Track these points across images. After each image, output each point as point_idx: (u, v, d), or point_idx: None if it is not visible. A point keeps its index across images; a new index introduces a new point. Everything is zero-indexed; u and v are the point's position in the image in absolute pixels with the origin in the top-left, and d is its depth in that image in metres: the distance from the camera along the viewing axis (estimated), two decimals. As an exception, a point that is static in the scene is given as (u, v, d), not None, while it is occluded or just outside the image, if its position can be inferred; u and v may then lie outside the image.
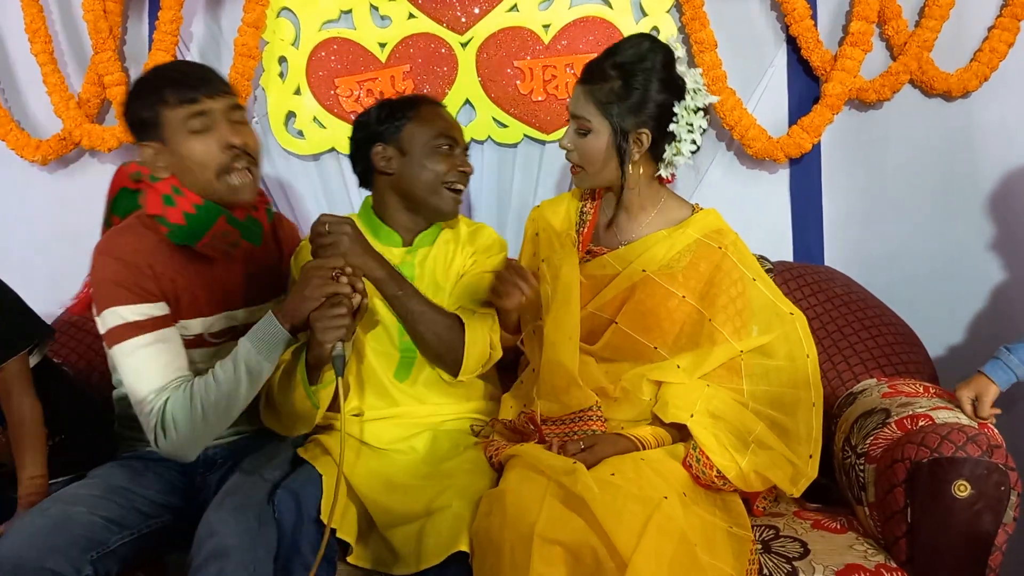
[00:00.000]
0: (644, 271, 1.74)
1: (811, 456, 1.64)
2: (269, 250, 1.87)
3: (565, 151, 1.77)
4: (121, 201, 1.80)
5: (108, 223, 1.85)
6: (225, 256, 1.72)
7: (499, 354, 1.83)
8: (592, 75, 1.71)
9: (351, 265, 1.57)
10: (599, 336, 1.77)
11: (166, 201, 1.62)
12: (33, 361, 1.81)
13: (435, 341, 1.73)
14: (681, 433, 1.66)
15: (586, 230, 1.86)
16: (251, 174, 1.67)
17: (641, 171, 1.75)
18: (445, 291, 1.83)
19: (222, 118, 1.63)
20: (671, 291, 1.72)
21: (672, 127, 1.71)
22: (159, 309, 1.63)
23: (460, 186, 1.85)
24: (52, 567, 1.38)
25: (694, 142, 1.73)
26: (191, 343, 1.70)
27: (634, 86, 1.68)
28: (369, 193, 1.94)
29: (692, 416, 1.62)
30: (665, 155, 1.74)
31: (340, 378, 1.53)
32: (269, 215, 1.82)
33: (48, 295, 1.89)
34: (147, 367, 1.58)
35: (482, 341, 1.76)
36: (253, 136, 1.70)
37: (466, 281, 1.84)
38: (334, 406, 1.82)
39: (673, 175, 1.81)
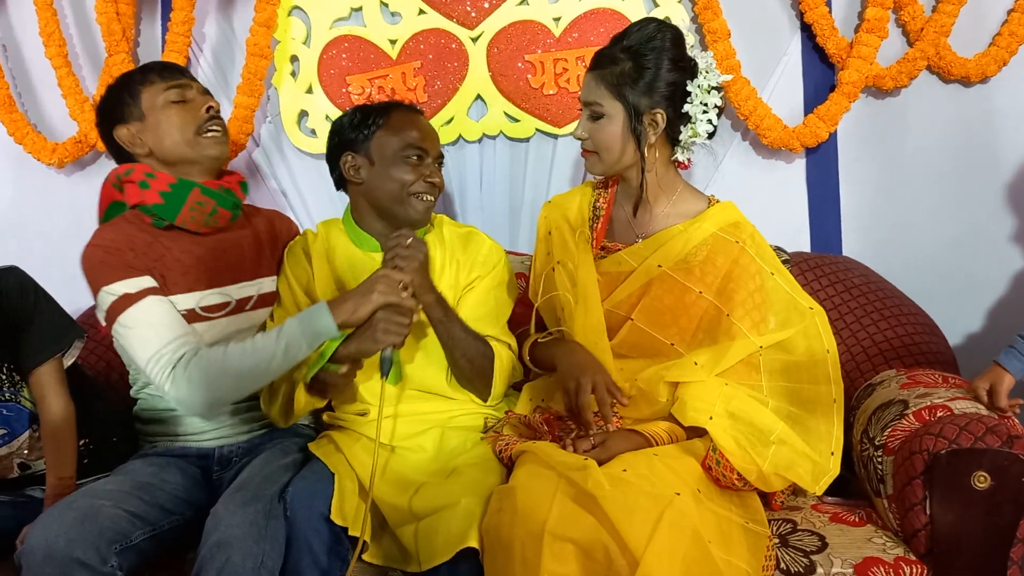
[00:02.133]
0: (660, 267, 1.72)
1: (833, 453, 1.62)
2: (258, 232, 1.92)
3: (580, 140, 1.76)
4: (112, 213, 1.85)
5: None
6: (209, 229, 1.80)
7: (519, 376, 1.87)
8: (601, 61, 1.71)
9: (414, 284, 1.67)
10: (615, 333, 1.75)
11: (142, 186, 1.75)
12: (67, 363, 1.83)
13: (468, 367, 1.76)
14: (697, 429, 1.64)
15: (600, 225, 1.85)
16: (224, 134, 1.83)
17: (657, 155, 1.74)
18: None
19: (198, 95, 1.81)
20: (688, 287, 1.70)
21: (687, 107, 1.70)
22: (147, 281, 1.72)
23: (429, 197, 1.82)
24: (80, 557, 1.41)
25: (710, 122, 1.72)
26: (186, 318, 1.74)
27: (645, 66, 1.67)
28: None
29: (711, 419, 1.60)
30: (682, 137, 1.74)
31: (384, 379, 1.63)
32: (244, 188, 1.89)
33: (66, 296, 1.91)
34: (155, 323, 1.68)
35: (509, 367, 1.80)
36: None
37: (476, 301, 1.84)
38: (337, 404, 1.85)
39: (690, 160, 1.80)
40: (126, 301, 1.68)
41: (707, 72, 1.70)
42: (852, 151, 2.43)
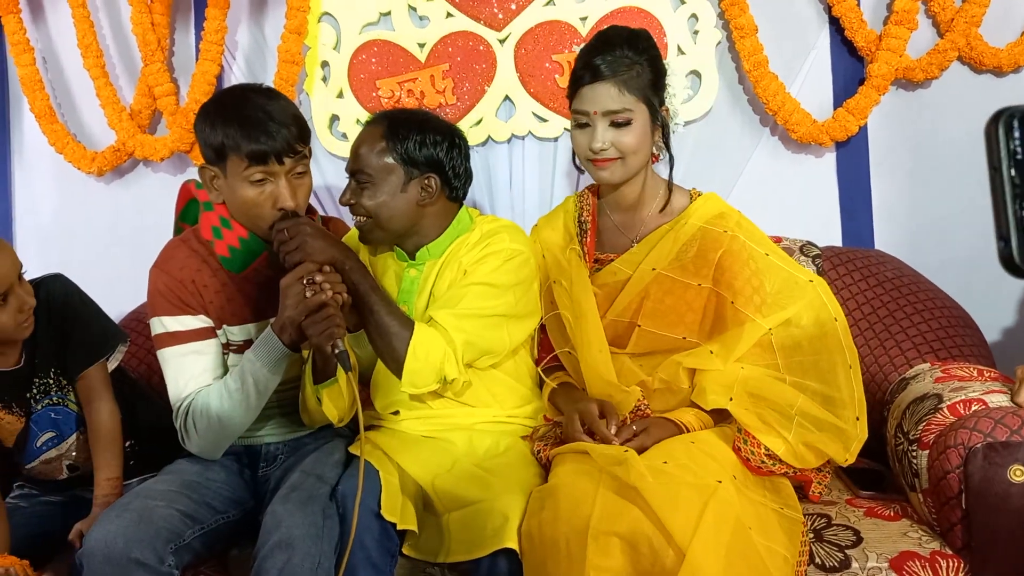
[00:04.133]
0: (654, 270, 1.74)
1: (858, 418, 1.61)
2: None
3: (599, 152, 1.72)
4: (191, 210, 1.88)
5: (179, 232, 1.93)
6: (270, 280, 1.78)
7: (457, 376, 1.69)
8: (613, 68, 1.69)
9: (319, 263, 1.61)
10: (627, 339, 1.77)
11: (215, 233, 1.75)
12: (111, 366, 1.89)
13: (379, 343, 1.68)
14: (723, 416, 1.67)
15: (589, 239, 1.86)
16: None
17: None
18: (437, 304, 1.76)
19: (283, 176, 1.67)
20: (687, 283, 1.72)
21: (667, 100, 1.79)
22: (199, 321, 1.75)
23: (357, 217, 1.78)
24: (138, 557, 1.46)
25: (676, 113, 1.82)
26: (241, 347, 1.78)
27: (652, 66, 1.73)
28: None
29: (731, 400, 1.62)
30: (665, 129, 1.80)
31: (349, 372, 1.58)
32: None
33: (108, 301, 1.96)
34: (179, 375, 1.72)
35: (432, 358, 1.65)
36: (307, 187, 1.74)
37: (449, 294, 1.74)
38: (368, 404, 1.87)
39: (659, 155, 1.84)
40: (171, 338, 1.73)
41: (668, 65, 1.80)
42: (883, 144, 2.42)
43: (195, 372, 1.72)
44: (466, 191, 1.85)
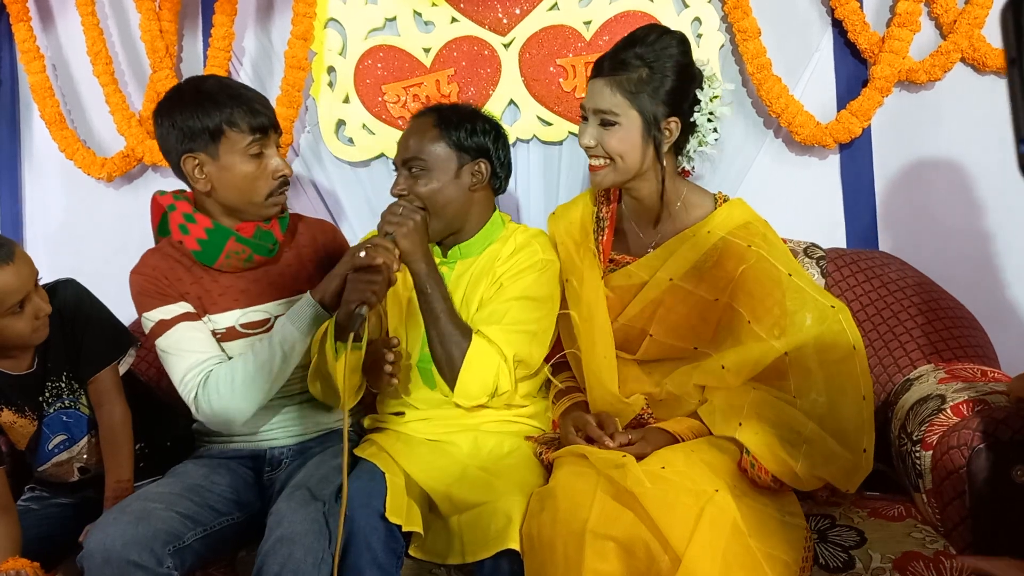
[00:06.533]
0: (671, 280, 1.71)
1: (865, 450, 1.59)
2: (300, 250, 1.96)
3: (587, 149, 1.72)
4: (166, 222, 1.91)
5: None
6: (246, 269, 1.86)
7: (508, 390, 1.75)
8: (614, 67, 1.68)
9: (400, 248, 1.68)
10: (637, 345, 1.76)
11: (181, 229, 1.81)
12: (122, 370, 1.91)
13: (438, 350, 1.74)
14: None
15: (605, 237, 1.84)
16: (285, 195, 1.88)
17: (665, 163, 1.74)
18: (469, 310, 1.82)
19: (274, 148, 1.82)
20: (702, 296, 1.70)
21: (696, 116, 1.72)
22: (183, 307, 1.82)
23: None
24: (136, 559, 1.48)
25: (715, 130, 1.75)
26: (224, 336, 1.83)
27: (661, 73, 1.67)
28: None
29: (740, 424, 1.61)
30: (688, 146, 1.75)
31: (356, 344, 1.64)
32: (283, 224, 1.91)
33: (118, 305, 1.98)
34: (183, 349, 1.78)
35: (486, 371, 1.71)
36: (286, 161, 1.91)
37: (490, 309, 1.78)
38: (375, 408, 1.90)
39: (693, 168, 1.81)
40: (162, 327, 1.79)
41: (712, 82, 1.73)
42: (886, 146, 2.42)
43: (197, 344, 1.79)
44: (506, 184, 1.94)
